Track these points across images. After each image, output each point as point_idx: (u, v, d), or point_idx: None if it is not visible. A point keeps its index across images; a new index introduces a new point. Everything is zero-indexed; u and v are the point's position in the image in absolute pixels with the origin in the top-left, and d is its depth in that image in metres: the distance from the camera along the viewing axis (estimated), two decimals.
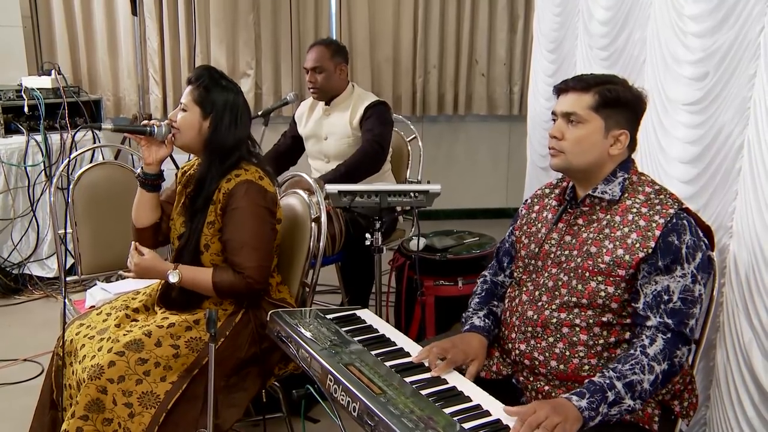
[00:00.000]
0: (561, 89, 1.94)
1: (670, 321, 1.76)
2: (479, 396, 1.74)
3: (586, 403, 1.66)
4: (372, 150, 3.45)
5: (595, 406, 1.67)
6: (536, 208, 2.11)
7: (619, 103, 1.87)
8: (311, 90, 3.60)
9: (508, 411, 1.65)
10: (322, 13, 5.43)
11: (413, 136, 4.05)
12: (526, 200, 2.19)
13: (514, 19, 5.64)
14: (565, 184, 2.05)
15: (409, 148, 4.00)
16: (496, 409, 1.69)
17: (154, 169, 2.42)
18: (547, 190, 2.13)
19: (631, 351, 1.77)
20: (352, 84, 3.66)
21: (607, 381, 1.71)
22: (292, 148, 3.82)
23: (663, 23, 2.57)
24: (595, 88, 1.87)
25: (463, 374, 1.89)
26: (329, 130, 3.60)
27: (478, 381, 1.86)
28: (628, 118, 1.90)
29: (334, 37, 5.36)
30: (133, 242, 2.36)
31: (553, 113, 1.96)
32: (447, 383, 1.81)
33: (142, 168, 2.43)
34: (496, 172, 5.97)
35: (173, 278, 2.27)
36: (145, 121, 2.39)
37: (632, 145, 1.94)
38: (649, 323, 1.78)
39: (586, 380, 1.75)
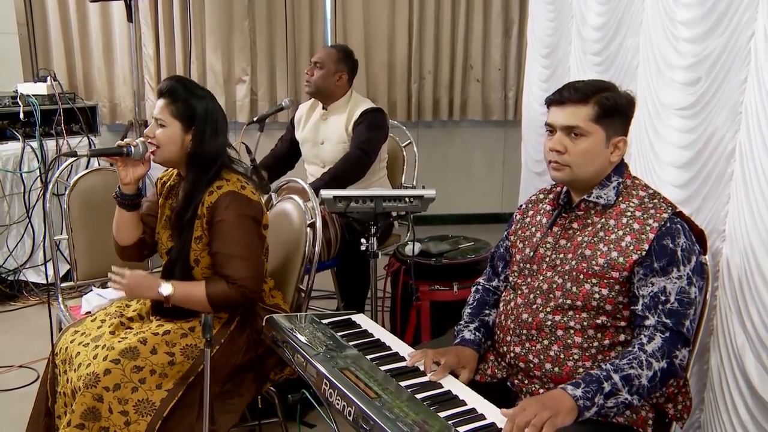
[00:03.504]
0: (556, 101, 1.92)
1: (668, 321, 1.78)
2: (474, 400, 1.75)
3: (581, 392, 1.68)
4: (355, 156, 3.47)
5: (591, 395, 1.68)
6: (530, 213, 2.12)
7: (617, 110, 1.88)
8: (306, 83, 3.62)
9: (503, 413, 1.66)
10: (317, 18, 5.44)
11: (408, 141, 4.06)
12: (521, 206, 2.20)
13: (509, 25, 5.66)
14: (558, 188, 2.06)
15: (405, 153, 4.01)
16: (490, 412, 1.69)
17: (132, 189, 2.36)
18: (541, 196, 2.15)
19: (629, 348, 1.78)
20: (351, 91, 3.67)
21: (604, 373, 1.72)
22: (289, 152, 3.83)
23: (655, 29, 2.59)
24: (593, 98, 1.86)
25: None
26: (325, 135, 3.61)
27: (473, 384, 1.87)
28: (623, 123, 1.91)
29: (329, 43, 5.39)
30: (112, 267, 2.29)
31: (549, 125, 1.93)
32: (442, 387, 1.82)
33: (119, 188, 2.37)
34: (491, 177, 5.99)
35: (166, 290, 2.22)
36: (120, 142, 2.33)
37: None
38: (647, 323, 1.79)
39: (584, 372, 1.78)
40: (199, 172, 2.30)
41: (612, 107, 1.87)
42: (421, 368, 1.91)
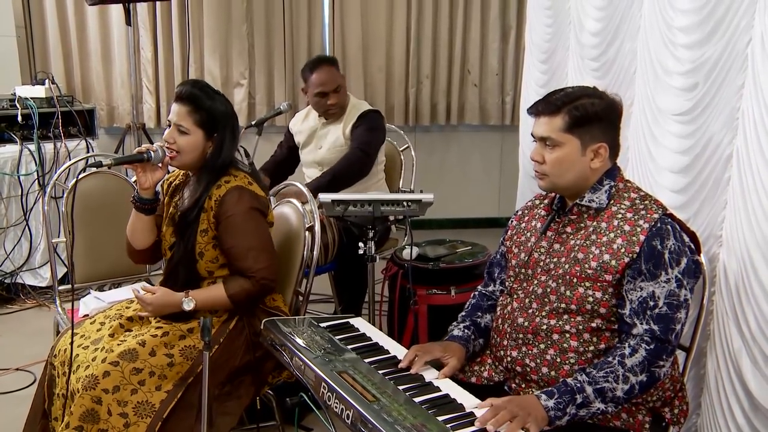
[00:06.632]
0: (533, 113, 1.96)
1: (656, 327, 1.79)
2: (472, 404, 1.76)
3: (553, 403, 1.73)
4: (355, 157, 3.48)
5: (562, 406, 1.73)
6: (526, 218, 2.14)
7: (589, 118, 1.89)
8: (332, 111, 3.58)
9: (480, 405, 1.72)
10: (315, 23, 5.45)
11: (406, 145, 4.07)
12: (517, 212, 2.22)
13: (507, 30, 5.67)
14: (553, 194, 2.07)
15: (402, 157, 4.02)
16: None
17: (151, 193, 2.39)
18: (537, 201, 2.16)
19: (609, 358, 1.80)
20: (349, 97, 3.69)
21: (578, 384, 1.76)
22: (289, 158, 3.84)
23: (653, 35, 2.60)
24: (563, 109, 1.89)
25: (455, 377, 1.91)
26: (324, 139, 3.63)
27: (470, 387, 1.88)
28: (603, 129, 1.91)
29: (327, 47, 5.40)
30: (133, 286, 2.35)
31: (533, 135, 1.98)
32: (440, 390, 1.82)
33: (137, 193, 2.39)
34: (488, 182, 5.99)
35: (188, 306, 2.26)
36: (139, 148, 2.35)
37: (615, 152, 1.96)
38: (635, 331, 1.80)
39: (560, 380, 1.81)
40: (213, 176, 2.34)
41: (582, 116, 1.88)
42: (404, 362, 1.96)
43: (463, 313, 2.22)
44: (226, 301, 2.29)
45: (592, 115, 1.89)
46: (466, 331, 2.13)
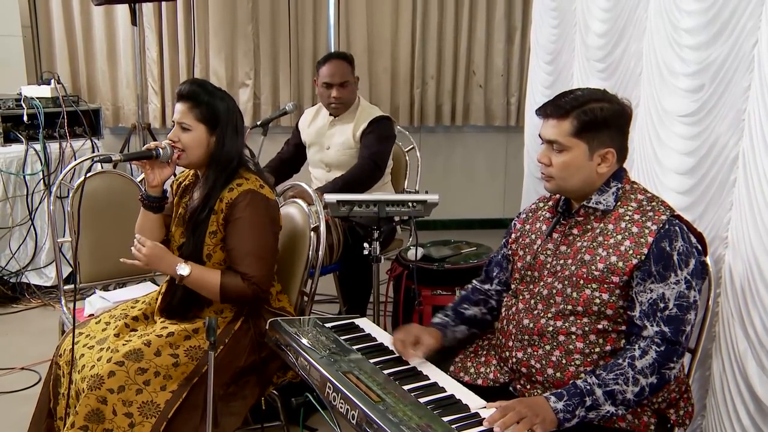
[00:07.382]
0: (541, 115, 1.95)
1: (666, 329, 1.78)
2: (477, 404, 1.76)
3: (562, 405, 1.73)
4: (368, 168, 3.50)
5: (572, 409, 1.73)
6: (530, 221, 2.14)
7: (597, 124, 1.88)
8: (335, 105, 3.60)
9: (489, 406, 1.73)
10: (320, 23, 5.46)
11: (411, 146, 4.07)
12: (520, 214, 2.22)
13: (512, 31, 5.67)
14: (557, 196, 2.07)
15: (407, 158, 4.03)
16: None
17: (158, 191, 2.40)
18: (541, 204, 2.16)
19: (619, 360, 1.80)
20: (359, 97, 3.70)
21: (588, 387, 1.76)
22: (295, 155, 3.86)
23: (659, 36, 2.60)
24: (572, 113, 1.88)
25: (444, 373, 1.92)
26: (332, 139, 3.63)
27: (476, 389, 1.88)
28: (611, 135, 1.90)
29: (333, 48, 5.40)
30: (137, 234, 2.30)
31: (540, 137, 1.97)
32: (445, 391, 1.83)
33: (145, 191, 2.40)
34: (494, 183, 5.99)
35: (183, 271, 2.24)
36: (148, 145, 2.36)
37: (623, 156, 1.96)
38: (645, 333, 1.80)
39: (570, 382, 1.81)
40: (220, 172, 2.34)
41: (591, 122, 1.87)
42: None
43: (451, 304, 2.24)
44: (216, 287, 2.27)
45: (600, 120, 1.88)
46: (444, 318, 2.17)
